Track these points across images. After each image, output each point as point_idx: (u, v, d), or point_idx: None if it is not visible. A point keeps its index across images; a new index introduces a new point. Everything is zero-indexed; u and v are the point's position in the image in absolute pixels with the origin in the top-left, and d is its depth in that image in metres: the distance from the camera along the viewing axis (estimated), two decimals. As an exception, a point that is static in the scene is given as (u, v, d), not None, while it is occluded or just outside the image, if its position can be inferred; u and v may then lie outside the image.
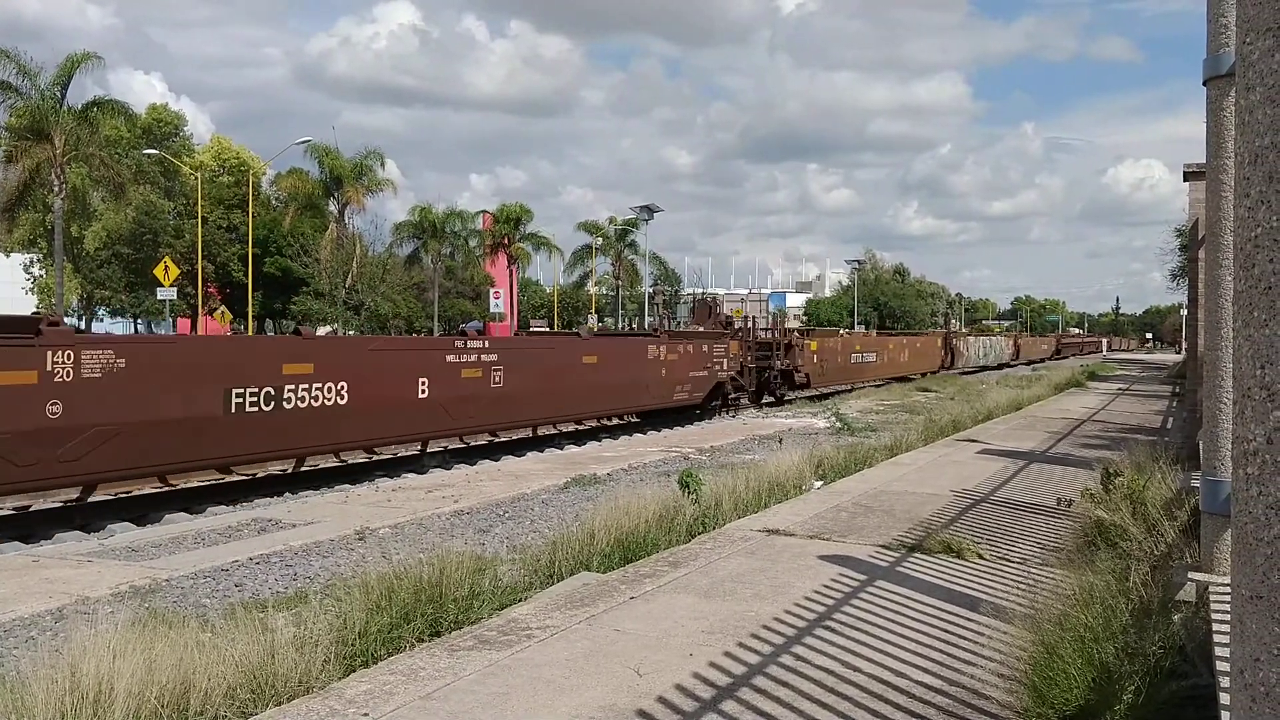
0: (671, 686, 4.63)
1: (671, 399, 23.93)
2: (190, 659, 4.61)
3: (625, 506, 8.34)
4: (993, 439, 16.55)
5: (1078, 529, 8.06)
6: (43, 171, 45.59)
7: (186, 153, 62.23)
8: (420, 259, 70.98)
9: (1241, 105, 1.82)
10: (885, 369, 40.66)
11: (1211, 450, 5.30)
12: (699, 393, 25.06)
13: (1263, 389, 1.74)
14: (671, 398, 23.88)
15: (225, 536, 9.58)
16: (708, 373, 25.51)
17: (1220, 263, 5.22)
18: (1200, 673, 4.34)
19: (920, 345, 48.38)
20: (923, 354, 47.45)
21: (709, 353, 25.71)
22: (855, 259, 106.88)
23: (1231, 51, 4.93)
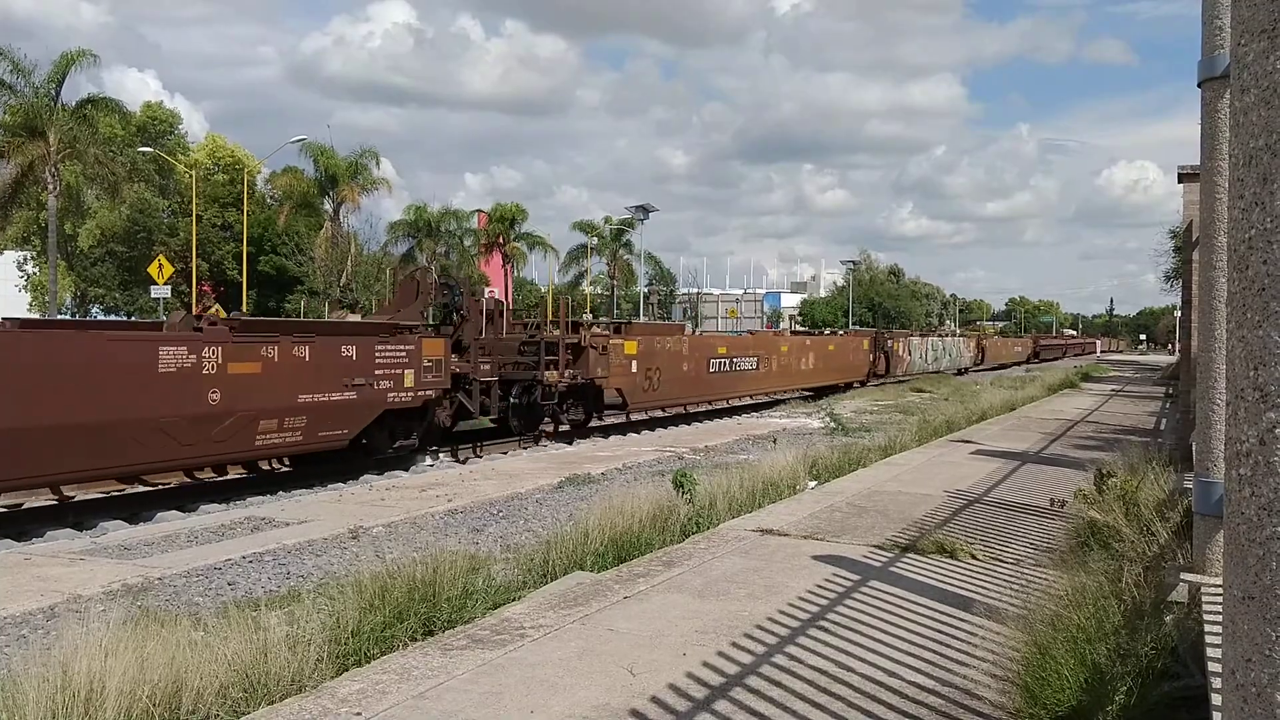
0: (665, 686, 4.63)
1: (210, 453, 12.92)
2: (182, 658, 4.60)
3: (619, 506, 8.34)
4: (986, 440, 16.58)
5: (1071, 530, 8.07)
6: (36, 169, 45.46)
7: (181, 151, 62.14)
8: (415, 258, 70.88)
9: (1236, 107, 1.82)
10: (773, 380, 30.18)
11: (1204, 451, 5.31)
12: (333, 429, 14.41)
13: (1256, 390, 1.74)
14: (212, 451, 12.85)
15: (218, 535, 9.57)
16: (356, 395, 14.76)
17: (1214, 264, 5.22)
18: (1192, 673, 4.34)
19: (835, 348, 36.42)
20: (837, 359, 35.93)
21: (361, 358, 14.96)
22: (850, 260, 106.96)
23: (1226, 54, 4.94)
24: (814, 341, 35.77)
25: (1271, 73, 1.72)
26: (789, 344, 32.46)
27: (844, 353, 36.98)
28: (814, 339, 37.28)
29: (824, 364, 34.37)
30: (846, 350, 37.41)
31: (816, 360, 33.84)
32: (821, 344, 35.85)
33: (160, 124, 63.70)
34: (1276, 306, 1.71)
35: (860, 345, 38.88)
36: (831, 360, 35.29)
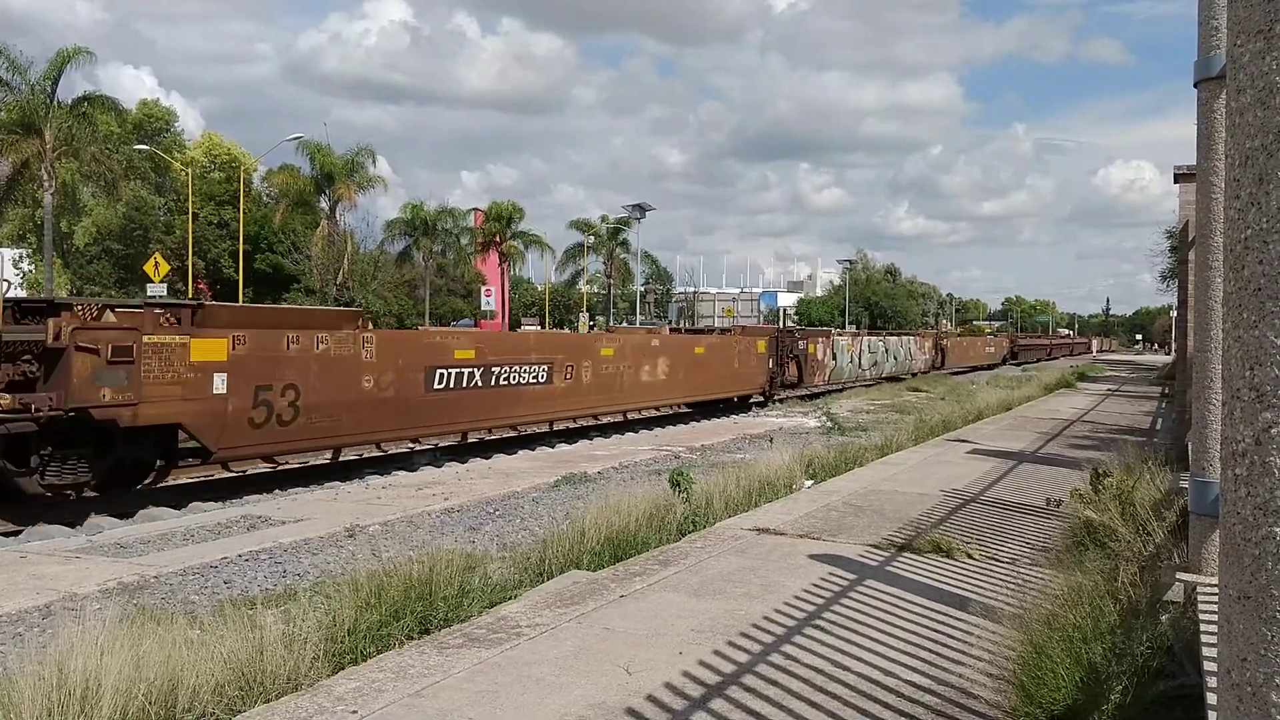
0: (661, 685, 4.63)
1: None
2: (178, 656, 4.60)
3: (616, 505, 8.33)
4: (983, 439, 16.59)
5: (1067, 529, 8.08)
6: (32, 166, 45.41)
7: (177, 148, 62.11)
8: (411, 256, 70.92)
9: (1232, 107, 1.82)
10: (582, 400, 20.54)
11: (1200, 451, 5.32)
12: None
13: (1251, 390, 1.74)
14: None
15: (214, 533, 9.55)
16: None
17: (1210, 264, 5.23)
18: (1188, 673, 4.35)
19: (705, 352, 25.56)
20: (714, 369, 25.87)
21: None
22: (847, 259, 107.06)
23: (1222, 54, 4.95)
24: (671, 342, 24.69)
25: (1267, 73, 1.72)
26: (620, 345, 21.96)
27: (723, 359, 26.29)
28: (673, 339, 25.99)
29: (687, 375, 24.18)
30: (727, 355, 26.55)
31: (673, 369, 23.44)
32: (684, 346, 24.79)
33: (156, 121, 63.69)
34: (1272, 306, 1.71)
35: (752, 348, 27.92)
36: (702, 370, 24.97)
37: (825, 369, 33.92)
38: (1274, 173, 1.71)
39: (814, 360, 32.75)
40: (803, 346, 32.02)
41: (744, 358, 27.61)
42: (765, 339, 29.53)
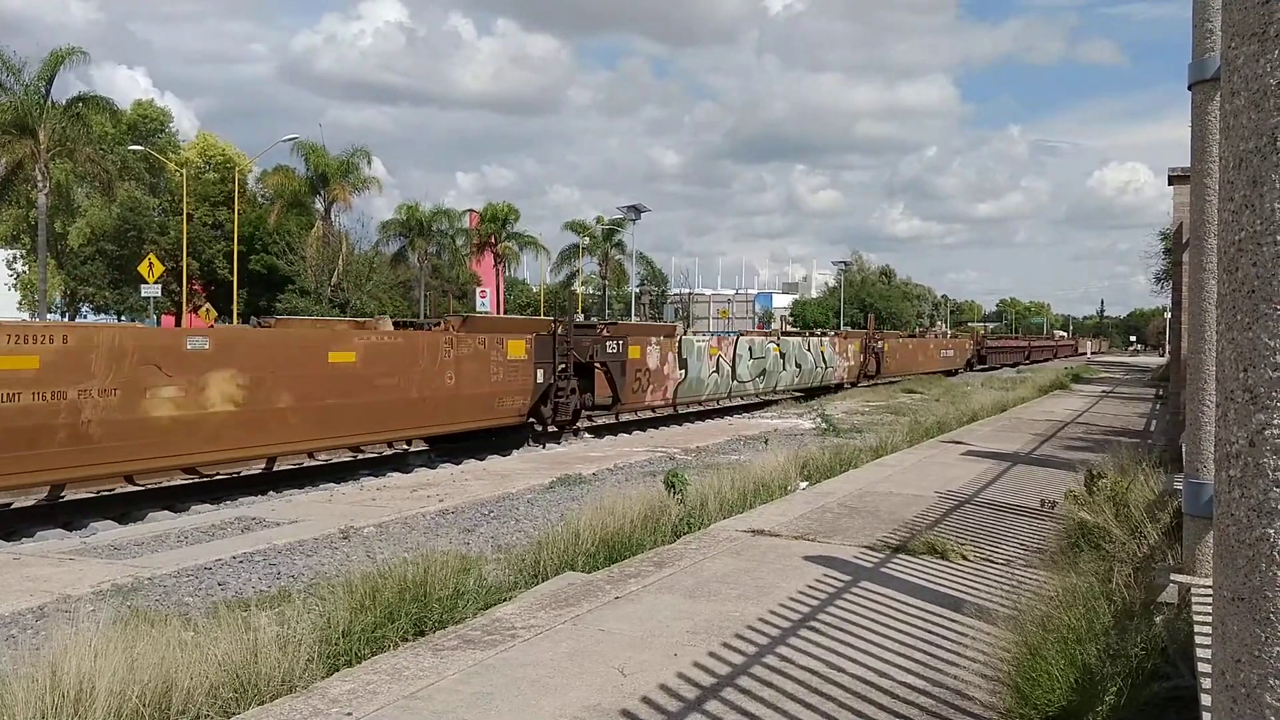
0: (656, 686, 4.63)
1: None
2: (172, 658, 4.59)
3: (611, 506, 8.33)
4: (977, 440, 16.61)
5: (1061, 530, 8.09)
6: (26, 167, 45.32)
7: (172, 149, 61.99)
8: (406, 257, 70.85)
9: (1226, 109, 1.83)
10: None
11: (1194, 453, 5.33)
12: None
13: (1245, 391, 1.74)
14: None
15: (208, 535, 9.54)
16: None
17: (1204, 266, 5.24)
18: (1182, 674, 4.36)
19: (362, 367, 14.41)
20: (381, 387, 14.74)
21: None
22: (842, 260, 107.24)
23: (1216, 56, 4.96)
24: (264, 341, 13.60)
25: (1262, 75, 1.73)
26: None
27: (407, 370, 15.41)
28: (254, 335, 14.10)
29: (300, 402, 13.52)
30: (416, 364, 15.60)
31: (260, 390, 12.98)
32: (300, 349, 13.86)
33: (151, 122, 63.58)
34: (1266, 309, 1.71)
35: (494, 354, 17.42)
36: (350, 391, 14.30)
37: (667, 383, 23.56)
38: (1268, 175, 1.72)
39: (642, 370, 22.30)
40: (616, 350, 21.22)
41: (470, 367, 16.68)
42: (528, 338, 18.36)
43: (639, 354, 22.37)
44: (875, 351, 39.42)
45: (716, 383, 26.61)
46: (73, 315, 60.23)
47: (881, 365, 40.00)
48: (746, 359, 28.11)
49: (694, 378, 25.03)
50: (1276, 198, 1.71)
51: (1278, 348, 1.70)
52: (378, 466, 15.78)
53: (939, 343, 56.85)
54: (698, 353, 25.28)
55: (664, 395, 23.80)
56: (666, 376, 23.69)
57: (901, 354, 44.58)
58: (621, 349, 21.67)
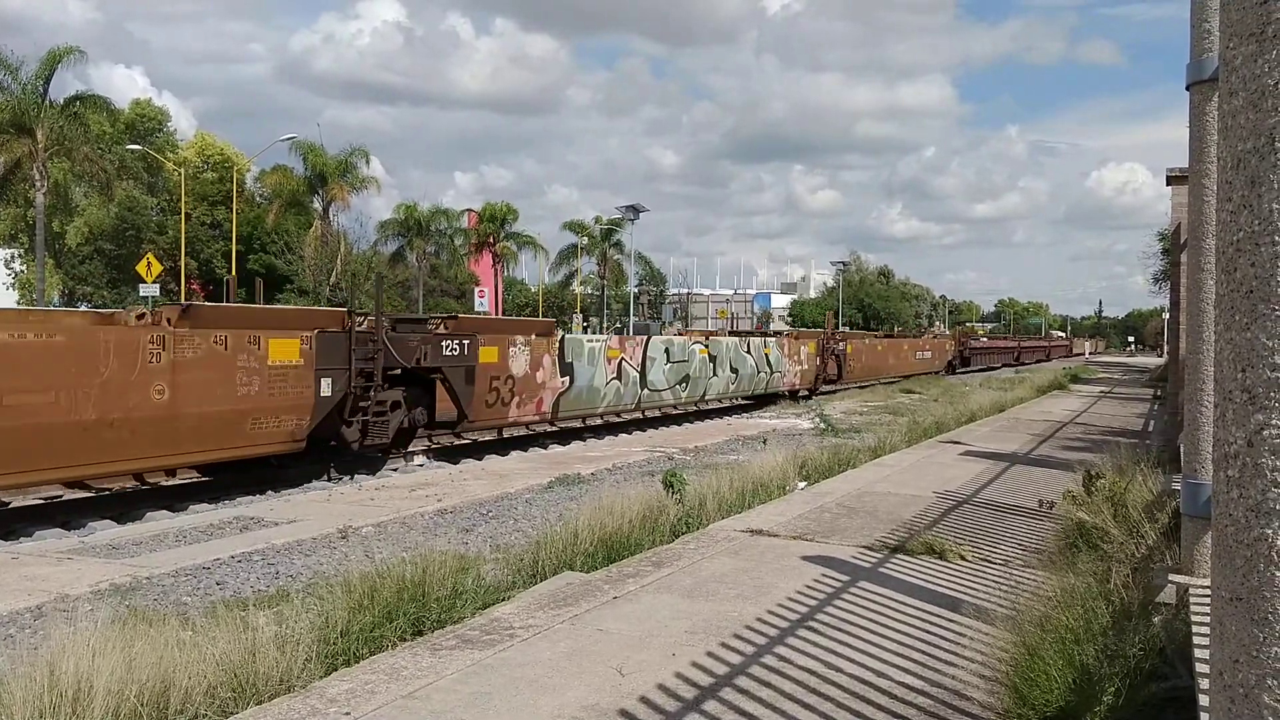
0: (654, 686, 4.63)
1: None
2: (170, 657, 4.59)
3: (609, 506, 8.33)
4: (975, 441, 16.61)
5: (1059, 531, 8.09)
6: (24, 166, 45.29)
7: (170, 149, 61.96)
8: (405, 257, 70.82)
9: (1224, 110, 1.83)
10: None
11: (1192, 453, 5.33)
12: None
13: (1244, 392, 1.75)
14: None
15: (207, 534, 9.54)
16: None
17: (1202, 266, 5.25)
18: (1180, 674, 4.36)
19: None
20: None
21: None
22: (840, 260, 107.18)
23: (1215, 57, 4.96)
24: None
25: (1260, 76, 1.73)
26: None
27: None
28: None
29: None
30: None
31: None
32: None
33: (149, 121, 63.53)
34: (1264, 309, 1.71)
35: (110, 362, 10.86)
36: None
37: (541, 393, 18.89)
38: (1266, 175, 1.72)
39: (503, 378, 17.65)
40: (459, 352, 16.40)
41: (198, 376, 12.02)
42: (304, 336, 13.44)
43: (496, 357, 17.55)
44: (836, 354, 35.11)
45: (619, 392, 21.67)
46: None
47: (844, 369, 35.69)
48: (662, 363, 23.46)
49: (583, 386, 20.29)
50: (1275, 198, 1.71)
51: (1276, 348, 1.70)
52: (374, 467, 15.76)
53: (914, 343, 50.97)
54: (589, 355, 20.60)
55: (538, 408, 18.97)
56: (541, 385, 18.94)
57: (868, 356, 39.97)
58: (467, 351, 16.73)
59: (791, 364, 31.28)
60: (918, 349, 49.57)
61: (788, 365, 30.93)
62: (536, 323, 21.93)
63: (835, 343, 35.47)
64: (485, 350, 17.22)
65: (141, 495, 12.56)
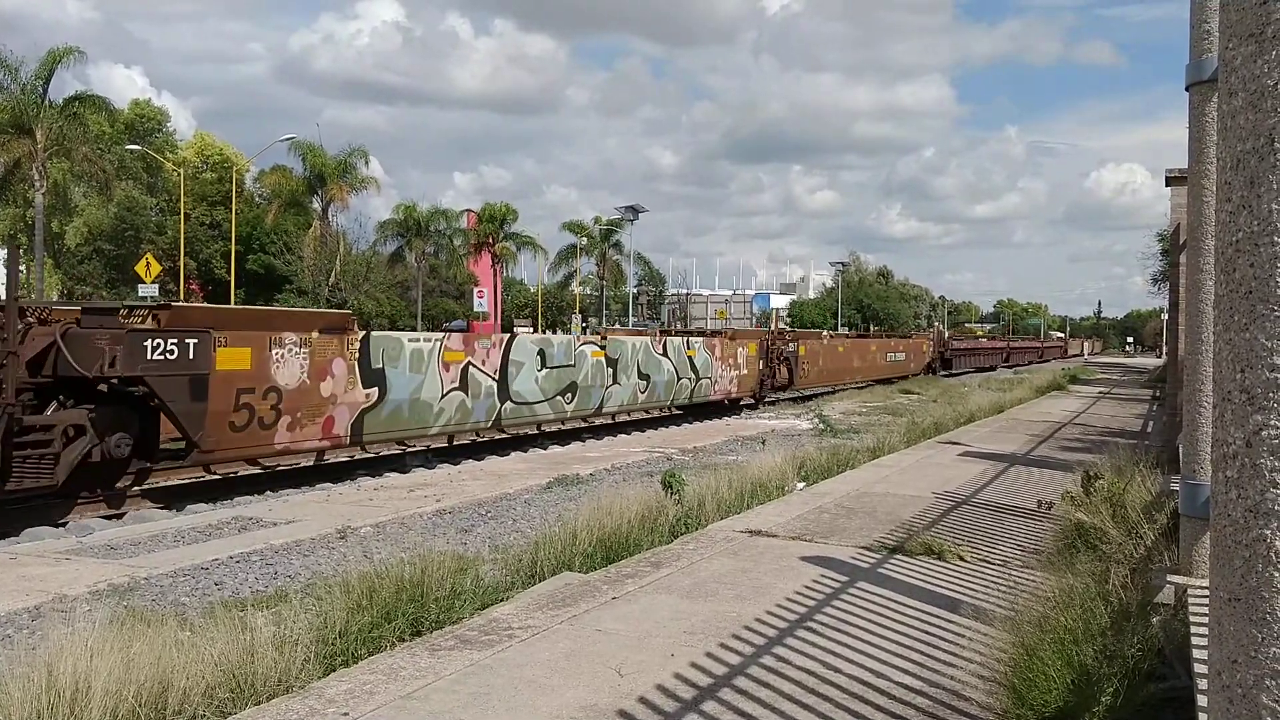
0: (653, 686, 4.63)
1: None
2: (169, 658, 4.58)
3: (608, 506, 8.33)
4: (974, 441, 16.62)
5: (1058, 531, 8.09)
6: (23, 166, 45.28)
7: (169, 149, 61.97)
8: (404, 257, 70.74)
9: (1224, 110, 1.83)
10: None
11: (1191, 454, 5.33)
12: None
13: (1242, 392, 1.74)
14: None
15: (205, 535, 9.53)
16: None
17: (1201, 267, 5.25)
18: (1178, 675, 4.36)
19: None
20: None
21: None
22: (839, 261, 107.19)
23: (1214, 57, 4.96)
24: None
25: (1259, 76, 1.73)
26: None
27: None
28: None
29: None
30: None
31: None
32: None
33: (148, 121, 63.57)
34: (1263, 309, 1.71)
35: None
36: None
37: (333, 410, 14.34)
38: (1265, 176, 1.71)
39: (262, 390, 13.23)
40: (179, 355, 12.06)
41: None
42: None
43: (249, 362, 12.95)
44: (785, 356, 30.95)
45: (464, 406, 16.89)
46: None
47: (796, 374, 31.36)
48: (532, 368, 18.82)
49: (402, 400, 15.45)
50: (1274, 199, 1.71)
51: (1275, 349, 1.70)
52: (375, 466, 15.76)
53: (885, 344, 45.85)
54: (411, 360, 15.68)
55: (326, 430, 14.24)
56: (330, 399, 14.24)
57: (827, 358, 35.10)
58: (193, 353, 12.17)
59: (726, 369, 27.07)
60: (889, 350, 44.86)
61: (721, 370, 26.72)
62: (318, 315, 16.35)
63: (784, 343, 31.43)
64: (227, 353, 12.63)
65: (138, 496, 12.54)
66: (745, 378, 28.13)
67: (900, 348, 46.67)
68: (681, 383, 24.58)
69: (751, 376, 28.51)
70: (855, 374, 38.59)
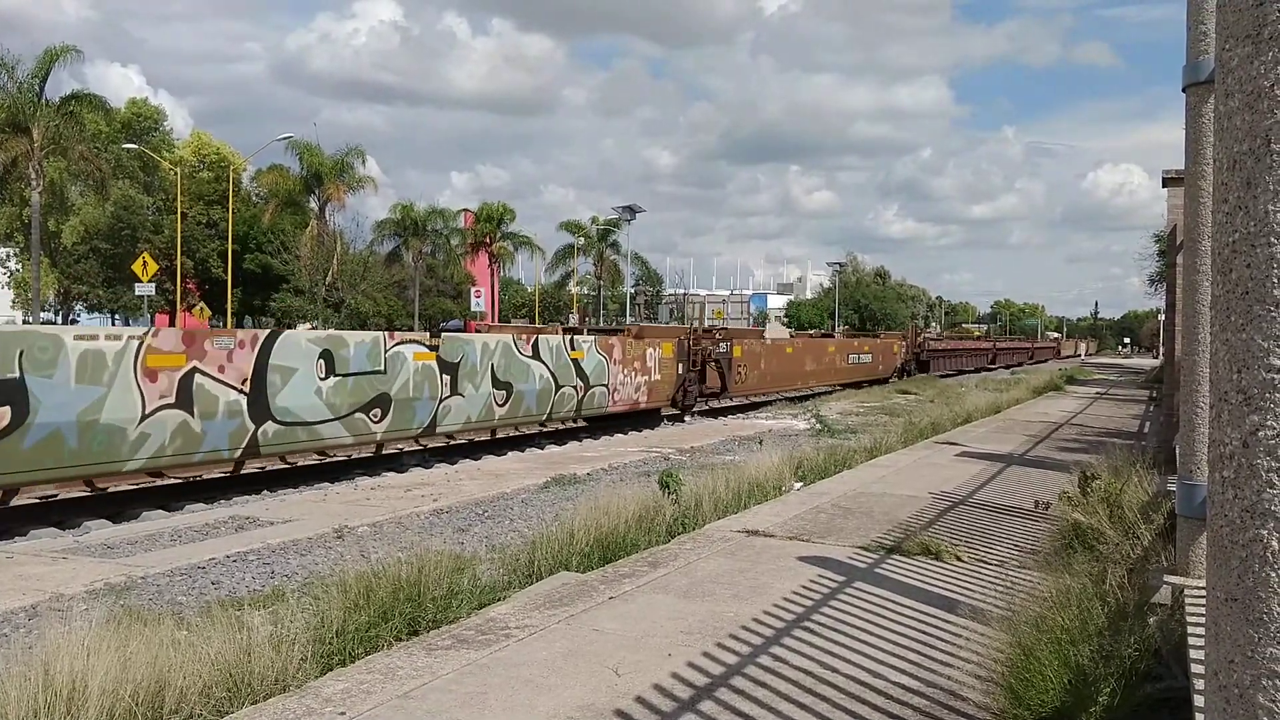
0: (650, 686, 4.63)
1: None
2: (165, 657, 4.58)
3: (605, 506, 8.33)
4: (971, 441, 16.63)
5: (1055, 532, 8.10)
6: (20, 165, 45.21)
7: (166, 148, 61.91)
8: (401, 257, 70.71)
9: (1220, 111, 1.83)
10: None
11: (1188, 454, 5.34)
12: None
13: (1239, 393, 1.75)
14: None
15: (202, 534, 9.52)
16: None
17: (1198, 268, 5.26)
18: (1175, 675, 4.37)
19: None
20: None
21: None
22: (836, 262, 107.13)
23: (1211, 58, 4.97)
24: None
25: (1256, 77, 1.73)
26: None
27: None
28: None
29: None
30: None
31: None
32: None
33: (144, 120, 63.50)
34: (1260, 310, 1.72)
35: None
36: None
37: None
38: (1262, 177, 1.72)
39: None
40: None
41: None
42: None
43: None
44: (716, 359, 26.58)
45: (184, 429, 12.29)
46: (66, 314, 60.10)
47: (730, 378, 26.94)
48: (311, 376, 14.20)
49: (66, 424, 10.98)
50: (1270, 200, 1.71)
51: (1271, 349, 1.70)
52: (372, 466, 15.76)
53: (845, 344, 41.11)
54: (88, 367, 11.29)
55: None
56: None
57: (770, 360, 30.56)
58: None
59: (629, 373, 22.62)
60: (850, 351, 39.97)
61: (623, 376, 22.35)
62: None
63: (711, 343, 26.80)
64: None
65: (137, 495, 12.54)
66: (658, 384, 23.88)
67: (866, 348, 42.48)
68: (563, 392, 20.18)
69: (666, 382, 24.26)
70: (809, 378, 34.17)
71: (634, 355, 23.02)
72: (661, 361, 24.08)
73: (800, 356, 33.98)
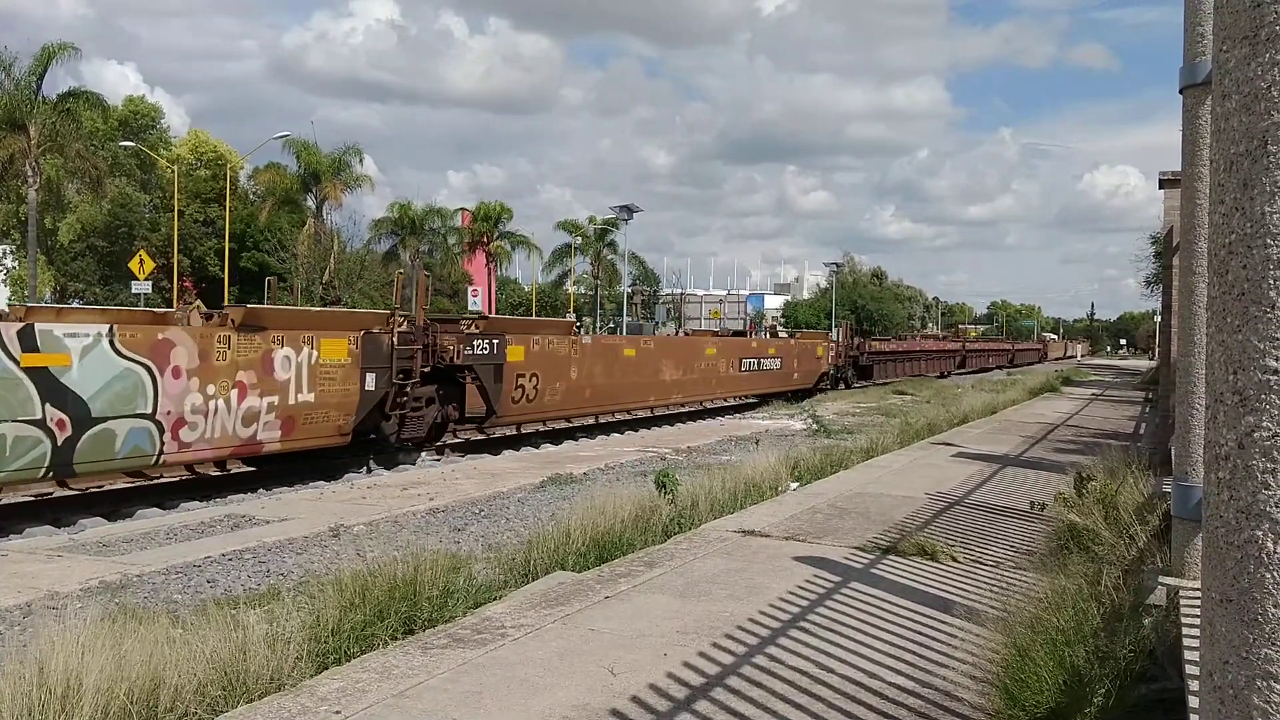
0: (645, 686, 4.63)
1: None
2: (160, 655, 4.57)
3: (601, 506, 8.33)
4: (968, 442, 16.64)
5: (1050, 532, 8.11)
6: (16, 162, 45.13)
7: (163, 145, 61.80)
8: (398, 256, 70.66)
9: (1217, 113, 1.83)
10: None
11: (1183, 455, 5.35)
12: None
13: (1235, 394, 1.75)
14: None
15: (197, 532, 9.51)
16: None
17: (1194, 269, 5.26)
18: (1170, 676, 4.37)
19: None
20: None
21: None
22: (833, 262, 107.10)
23: (1208, 60, 4.98)
24: None
25: (1253, 79, 1.73)
26: None
27: None
28: None
29: None
30: None
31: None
32: None
33: (141, 118, 63.38)
34: (1256, 311, 1.72)
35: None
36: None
37: None
38: (1258, 178, 1.72)
39: None
40: None
41: None
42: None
43: None
44: (470, 366, 17.56)
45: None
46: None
47: (500, 398, 18.19)
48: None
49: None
50: (1267, 201, 1.71)
51: (1267, 350, 1.71)
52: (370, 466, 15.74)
53: (739, 345, 30.44)
54: None
55: None
56: None
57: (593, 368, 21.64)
58: None
59: (227, 394, 12.87)
60: (746, 355, 29.88)
61: (200, 400, 12.43)
62: None
63: (459, 342, 17.43)
64: None
65: (132, 493, 12.53)
66: (313, 410, 14.24)
67: (771, 350, 32.18)
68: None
69: (338, 408, 14.69)
70: (668, 391, 25.18)
71: (241, 361, 13.18)
72: (320, 371, 14.41)
73: (651, 362, 24.48)
